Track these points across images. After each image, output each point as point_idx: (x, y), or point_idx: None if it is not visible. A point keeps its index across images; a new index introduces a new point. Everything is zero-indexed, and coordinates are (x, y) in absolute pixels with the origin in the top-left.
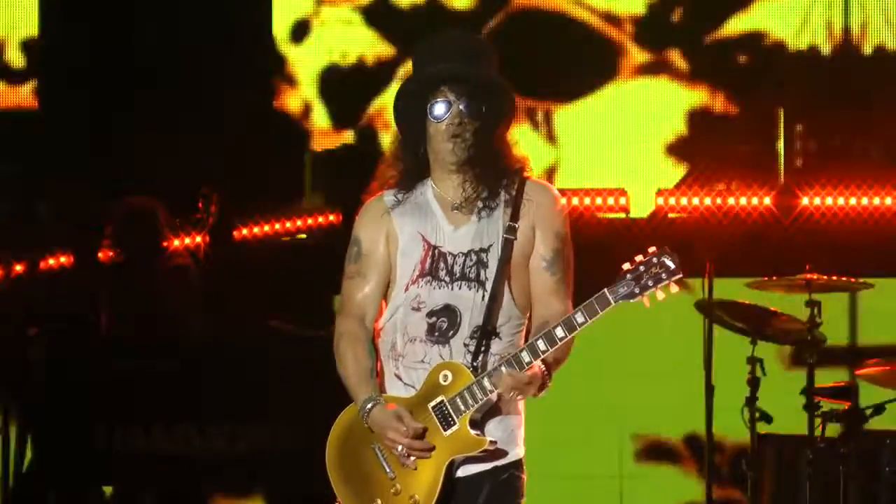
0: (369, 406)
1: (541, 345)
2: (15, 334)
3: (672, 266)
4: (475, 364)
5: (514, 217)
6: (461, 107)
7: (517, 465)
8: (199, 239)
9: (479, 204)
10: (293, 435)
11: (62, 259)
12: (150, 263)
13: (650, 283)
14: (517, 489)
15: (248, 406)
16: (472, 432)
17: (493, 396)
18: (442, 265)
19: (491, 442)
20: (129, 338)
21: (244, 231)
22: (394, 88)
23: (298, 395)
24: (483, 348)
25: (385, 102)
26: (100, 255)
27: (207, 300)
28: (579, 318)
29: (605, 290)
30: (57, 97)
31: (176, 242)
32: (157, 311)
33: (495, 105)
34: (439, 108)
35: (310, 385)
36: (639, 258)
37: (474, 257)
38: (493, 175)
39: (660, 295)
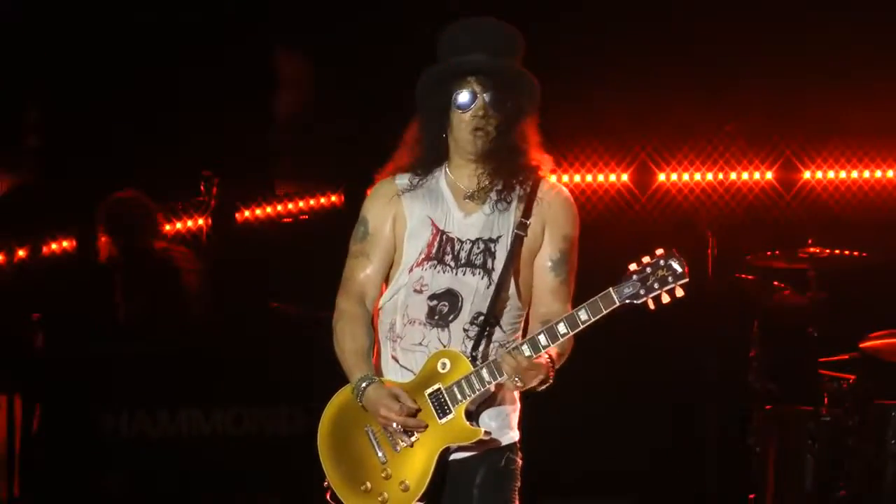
0: (364, 385)
1: (542, 339)
2: (18, 319)
3: (679, 269)
4: (475, 353)
5: (527, 214)
6: (486, 99)
7: (512, 448)
8: (200, 222)
9: (493, 196)
10: (296, 417)
11: (65, 244)
12: (143, 251)
13: (656, 285)
14: (512, 473)
15: (252, 388)
16: (468, 422)
17: (491, 387)
18: (448, 250)
19: (486, 433)
20: (130, 323)
21: (246, 213)
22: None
23: (301, 376)
24: (484, 336)
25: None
26: (98, 247)
27: (209, 283)
28: (583, 315)
29: (611, 289)
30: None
31: (178, 226)
32: (156, 297)
33: (520, 100)
34: (464, 98)
35: (312, 367)
36: (646, 259)
37: (482, 245)
38: (510, 170)
39: (665, 298)
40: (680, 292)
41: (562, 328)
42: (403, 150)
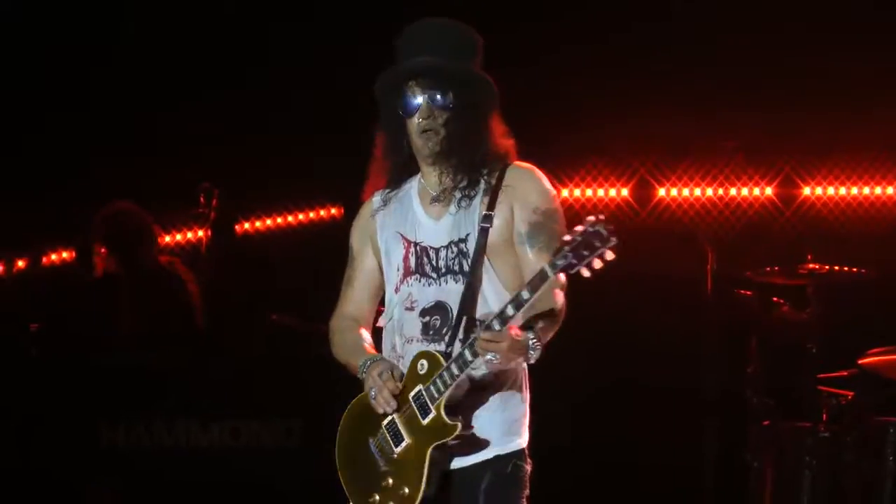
0: (368, 363)
1: (509, 310)
2: (16, 329)
3: (605, 234)
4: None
5: (491, 205)
6: (430, 100)
7: (519, 454)
8: (200, 233)
9: (458, 194)
10: (294, 429)
11: (64, 255)
12: (141, 265)
13: (585, 252)
14: (519, 480)
15: (250, 400)
16: (447, 418)
17: (471, 373)
18: (426, 260)
19: (465, 427)
20: (129, 334)
21: (246, 225)
22: None
23: (300, 389)
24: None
25: None
26: (95, 261)
27: (209, 295)
28: (524, 294)
29: (545, 264)
30: None
31: (178, 237)
32: (156, 310)
33: (468, 95)
34: (408, 103)
35: (312, 379)
36: (577, 228)
37: (455, 249)
38: (471, 165)
39: (596, 264)
40: (610, 255)
41: (510, 310)
42: (375, 167)
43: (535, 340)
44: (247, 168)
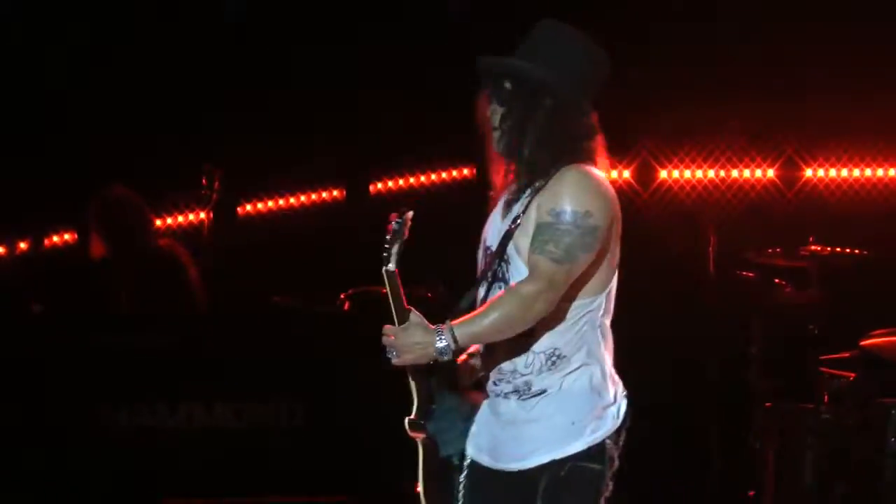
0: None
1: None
2: (18, 311)
3: (396, 227)
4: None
5: (527, 208)
6: (494, 98)
7: (577, 456)
8: (202, 215)
9: (515, 196)
10: (297, 411)
11: (66, 236)
12: (136, 250)
13: (386, 246)
14: (575, 483)
15: (253, 383)
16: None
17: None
18: (488, 265)
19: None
20: (130, 316)
21: (248, 207)
22: None
23: (302, 371)
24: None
25: None
26: (91, 246)
27: (211, 277)
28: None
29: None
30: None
31: (180, 219)
32: (153, 290)
33: (519, 94)
34: (484, 101)
35: (313, 361)
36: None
37: (492, 252)
38: (528, 168)
39: (394, 253)
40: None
41: None
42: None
43: (442, 341)
44: (248, 149)
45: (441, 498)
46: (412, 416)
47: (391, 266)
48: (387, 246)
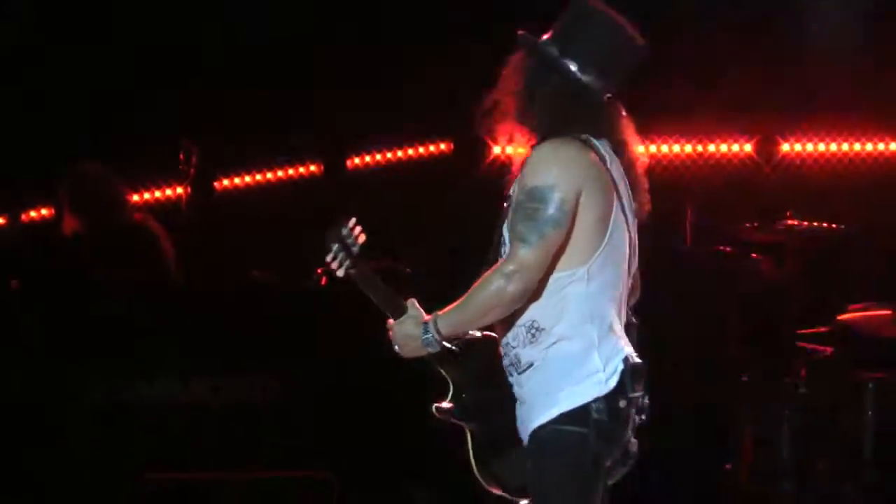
0: None
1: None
2: None
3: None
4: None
5: (508, 187)
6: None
7: (557, 419)
8: (179, 190)
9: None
10: (274, 387)
11: (43, 212)
12: (110, 227)
13: (335, 258)
14: (550, 446)
15: (230, 358)
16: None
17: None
18: (495, 246)
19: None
20: (106, 290)
21: (225, 182)
22: None
23: (280, 346)
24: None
25: None
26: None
27: (188, 252)
28: None
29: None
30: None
31: (157, 195)
32: (128, 265)
33: (540, 69)
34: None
35: (291, 337)
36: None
37: (498, 235)
38: (523, 139)
39: (345, 260)
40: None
41: None
42: None
43: (427, 334)
44: (225, 124)
45: (501, 477)
46: (444, 404)
47: (351, 270)
48: (335, 258)
